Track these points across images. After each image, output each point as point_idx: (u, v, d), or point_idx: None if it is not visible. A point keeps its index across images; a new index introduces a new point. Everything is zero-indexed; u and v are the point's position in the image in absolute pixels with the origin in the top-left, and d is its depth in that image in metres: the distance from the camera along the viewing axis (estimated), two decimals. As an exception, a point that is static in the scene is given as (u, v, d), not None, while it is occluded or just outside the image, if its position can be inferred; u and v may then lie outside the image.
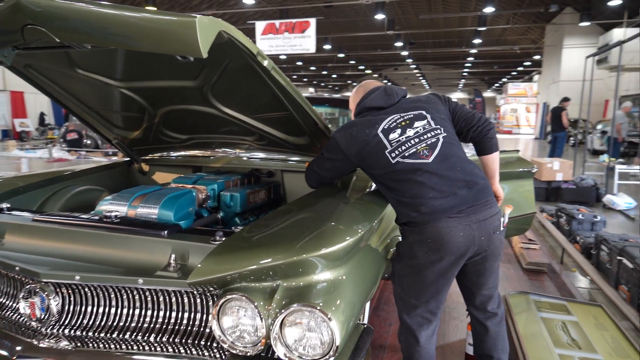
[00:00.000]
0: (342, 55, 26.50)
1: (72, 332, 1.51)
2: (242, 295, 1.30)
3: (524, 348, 2.20)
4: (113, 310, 1.53)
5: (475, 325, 1.95)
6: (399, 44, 22.78)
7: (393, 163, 1.69)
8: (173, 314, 1.49)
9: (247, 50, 1.43)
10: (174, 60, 1.30)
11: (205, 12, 19.03)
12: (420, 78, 44.56)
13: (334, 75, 41.30)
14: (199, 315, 1.47)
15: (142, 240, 1.56)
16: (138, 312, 1.51)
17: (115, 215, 1.72)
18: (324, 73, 38.60)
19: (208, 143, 2.70)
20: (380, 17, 16.94)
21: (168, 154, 2.95)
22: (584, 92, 8.69)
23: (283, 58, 21.75)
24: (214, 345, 1.44)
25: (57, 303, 1.50)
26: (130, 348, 1.46)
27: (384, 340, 2.62)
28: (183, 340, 1.46)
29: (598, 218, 4.70)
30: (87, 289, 1.53)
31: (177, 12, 1.20)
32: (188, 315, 1.48)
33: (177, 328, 1.48)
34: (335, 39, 23.82)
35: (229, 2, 20.79)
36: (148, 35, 1.19)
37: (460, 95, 52.53)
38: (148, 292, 1.50)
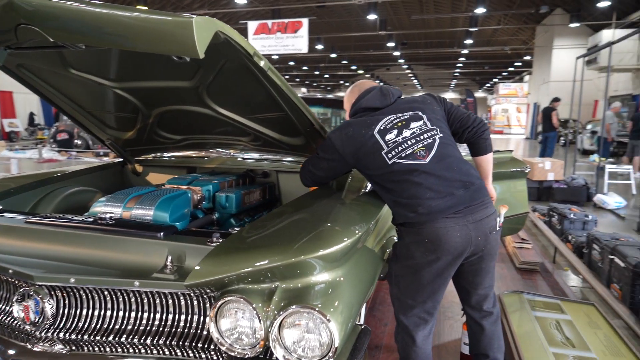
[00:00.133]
0: (334, 56, 26.52)
1: (66, 335, 1.49)
2: (240, 297, 1.29)
3: (519, 347, 2.21)
4: (109, 313, 1.51)
5: (471, 325, 1.96)
6: (391, 44, 22.87)
7: (390, 164, 1.69)
8: (170, 317, 1.48)
9: (243, 51, 1.43)
10: (169, 61, 1.29)
11: (197, 11, 18.95)
12: (412, 78, 44.74)
13: (327, 76, 41.32)
14: (196, 318, 1.46)
15: (137, 242, 1.55)
16: (134, 314, 1.50)
17: (110, 217, 1.69)
18: (316, 73, 38.61)
19: (203, 144, 2.69)
20: (373, 17, 16.99)
21: (162, 155, 2.93)
22: (574, 92, 8.78)
23: (275, 58, 21.69)
24: (212, 348, 1.43)
25: (51, 306, 1.48)
26: (126, 351, 1.44)
27: (380, 341, 2.62)
28: (180, 343, 1.44)
29: (589, 217, 4.74)
30: (82, 292, 1.51)
31: (169, 11, 1.19)
32: (185, 318, 1.47)
33: (174, 330, 1.47)
34: (328, 39, 23.82)
35: (221, 1, 20.71)
36: (144, 35, 1.18)
37: (452, 96, 52.79)
38: (144, 294, 1.48)
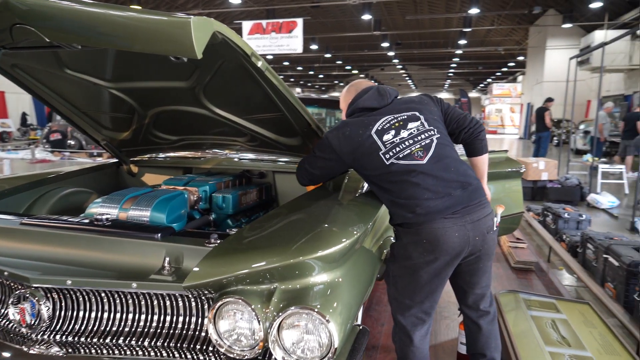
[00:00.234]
0: (329, 56, 26.55)
1: (63, 338, 1.48)
2: (238, 299, 1.29)
3: (515, 346, 2.22)
4: (106, 315, 1.50)
5: (468, 324, 1.96)
6: (386, 45, 22.92)
7: (387, 164, 1.69)
8: (167, 318, 1.47)
9: (241, 51, 1.42)
10: (166, 61, 1.29)
11: (191, 11, 18.89)
12: (407, 78, 44.87)
13: (321, 76, 41.34)
14: (194, 319, 1.45)
15: (134, 244, 1.54)
16: (131, 316, 1.49)
17: (107, 218, 1.68)
18: (311, 73, 38.60)
19: (199, 144, 2.68)
20: (367, 17, 17.02)
21: (157, 155, 2.91)
22: (567, 92, 8.84)
23: (270, 58, 21.67)
24: (210, 349, 1.42)
25: (47, 308, 1.47)
26: (124, 353, 1.43)
27: (377, 341, 2.62)
28: (178, 345, 1.44)
29: (583, 217, 4.77)
30: (79, 294, 1.50)
31: (162, 11, 1.18)
32: (183, 319, 1.46)
33: (171, 332, 1.46)
34: (322, 39, 23.83)
35: (215, 1, 20.65)
36: (141, 36, 1.17)
37: (446, 96, 52.95)
38: (142, 296, 1.47)
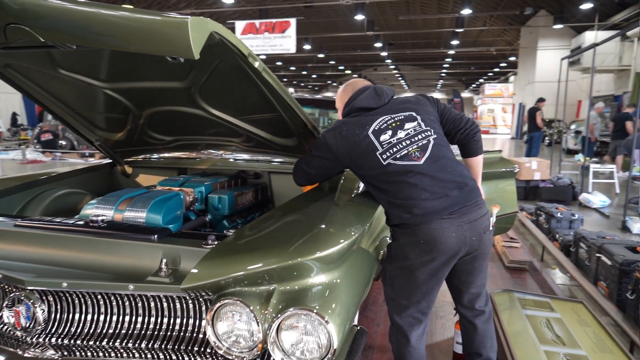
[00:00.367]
0: (322, 56, 26.52)
1: (59, 340, 1.47)
2: (237, 300, 1.28)
3: (511, 346, 2.24)
4: (102, 317, 1.49)
5: (464, 324, 1.97)
6: (379, 45, 22.98)
7: (384, 165, 1.69)
8: (165, 320, 1.46)
9: (238, 52, 1.42)
10: (162, 61, 1.28)
11: (184, 11, 18.80)
12: (400, 78, 45.00)
13: (314, 76, 41.32)
14: (192, 321, 1.45)
15: (131, 245, 1.53)
16: (128, 318, 1.48)
17: (102, 220, 1.67)
18: (304, 73, 38.59)
19: (194, 145, 2.66)
20: (360, 17, 17.03)
21: (152, 156, 2.89)
22: (559, 93, 8.92)
23: (263, 58, 21.64)
24: (207, 351, 1.42)
25: (43, 311, 1.46)
26: (120, 356, 1.42)
27: (373, 341, 2.63)
28: (176, 347, 1.43)
29: (576, 216, 4.81)
30: (74, 296, 1.48)
31: (155, 10, 1.17)
32: (180, 321, 1.45)
33: (169, 334, 1.45)
34: (315, 39, 23.83)
35: (208, 1, 20.56)
36: (137, 36, 1.16)
37: (439, 96, 53.07)
38: (139, 298, 1.46)
